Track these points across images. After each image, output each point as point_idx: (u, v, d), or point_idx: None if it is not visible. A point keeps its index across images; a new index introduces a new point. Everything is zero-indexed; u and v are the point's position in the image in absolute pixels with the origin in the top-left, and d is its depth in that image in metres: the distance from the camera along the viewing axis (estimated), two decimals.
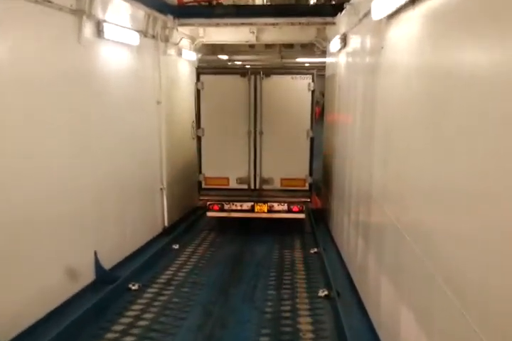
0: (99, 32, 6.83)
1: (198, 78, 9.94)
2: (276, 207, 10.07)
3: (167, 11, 9.38)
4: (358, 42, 7.13)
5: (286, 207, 10.05)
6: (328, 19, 9.47)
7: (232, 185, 10.12)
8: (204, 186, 10.27)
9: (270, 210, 10.07)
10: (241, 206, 10.09)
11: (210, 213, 10.29)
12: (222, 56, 15.16)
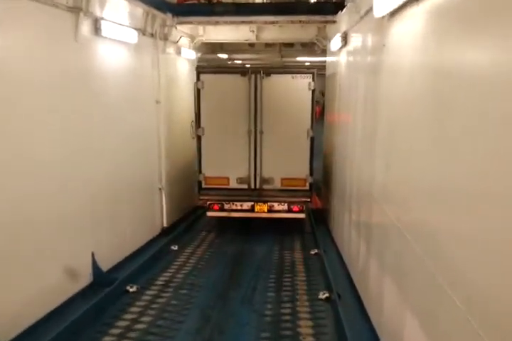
0: (97, 30, 6.73)
1: (198, 77, 9.88)
2: (276, 206, 10.03)
3: (166, 9, 9.27)
4: (359, 41, 7.02)
5: (286, 206, 10.02)
6: (329, 17, 9.40)
7: (233, 184, 10.08)
8: (204, 186, 10.23)
9: (270, 210, 10.03)
10: (241, 206, 10.06)
11: (210, 213, 10.25)
12: (222, 55, 15.07)
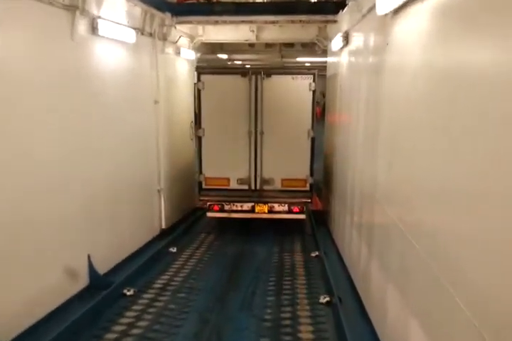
0: (94, 29, 6.62)
1: (198, 78, 9.84)
2: (276, 207, 9.99)
3: (165, 8, 9.17)
4: (360, 40, 6.91)
5: (286, 207, 9.98)
6: (330, 17, 9.31)
7: (233, 185, 10.04)
8: (204, 186, 10.19)
9: (271, 211, 9.99)
10: (241, 206, 10.02)
11: (210, 213, 10.21)
12: (222, 55, 14.97)
